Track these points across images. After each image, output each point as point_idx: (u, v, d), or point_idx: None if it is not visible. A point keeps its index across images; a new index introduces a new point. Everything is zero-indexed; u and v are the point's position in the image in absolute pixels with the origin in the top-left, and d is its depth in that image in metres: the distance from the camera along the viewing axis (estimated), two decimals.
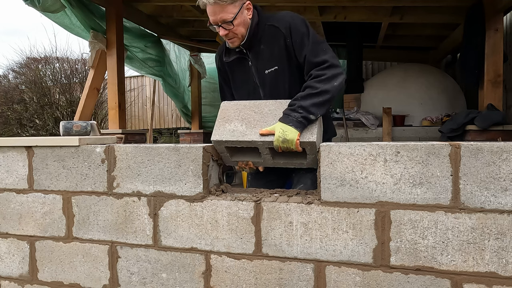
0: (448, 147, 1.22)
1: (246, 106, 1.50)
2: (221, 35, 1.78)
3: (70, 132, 1.88)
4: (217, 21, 1.73)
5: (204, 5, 1.73)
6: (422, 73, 5.45)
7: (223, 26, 1.74)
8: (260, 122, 1.43)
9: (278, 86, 1.84)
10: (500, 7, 3.88)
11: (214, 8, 1.70)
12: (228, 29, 1.74)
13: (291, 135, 1.46)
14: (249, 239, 1.42)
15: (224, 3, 1.69)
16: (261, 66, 1.85)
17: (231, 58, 1.89)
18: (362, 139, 5.21)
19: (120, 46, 4.51)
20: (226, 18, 1.72)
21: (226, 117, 1.49)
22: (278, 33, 1.79)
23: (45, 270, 1.70)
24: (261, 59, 1.84)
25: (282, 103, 1.46)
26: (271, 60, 1.82)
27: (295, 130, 1.47)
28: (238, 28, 1.76)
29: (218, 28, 1.76)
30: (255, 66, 1.86)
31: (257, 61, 1.85)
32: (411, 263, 1.26)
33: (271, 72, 1.83)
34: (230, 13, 1.71)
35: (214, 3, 1.68)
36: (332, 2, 4.81)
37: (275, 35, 1.80)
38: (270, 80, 1.85)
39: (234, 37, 1.78)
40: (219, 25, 1.74)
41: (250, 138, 1.43)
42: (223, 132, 1.48)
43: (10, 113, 8.83)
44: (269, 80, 1.85)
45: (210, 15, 1.73)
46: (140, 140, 4.70)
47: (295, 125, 1.48)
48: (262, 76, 1.85)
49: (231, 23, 1.72)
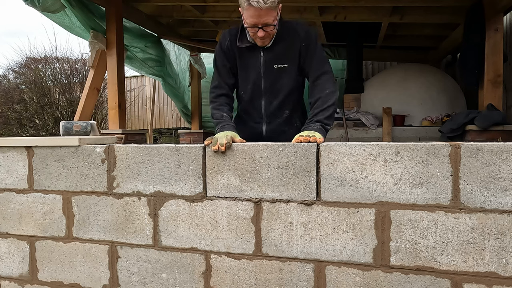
0: (448, 147, 1.22)
1: (235, 152, 1.44)
2: (258, 36, 1.87)
3: (70, 132, 1.88)
4: (259, 23, 1.82)
5: (247, 6, 1.79)
6: (422, 73, 5.45)
7: (263, 29, 1.84)
8: (254, 174, 1.42)
9: (279, 82, 1.99)
10: (500, 7, 3.88)
11: (261, 12, 1.78)
12: (267, 30, 1.85)
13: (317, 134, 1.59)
14: (249, 239, 1.42)
15: (273, 8, 1.79)
16: (272, 60, 1.97)
17: (244, 45, 1.97)
18: (362, 139, 5.21)
19: (120, 46, 4.51)
20: (269, 21, 1.82)
21: (216, 166, 1.46)
22: (296, 36, 1.94)
23: (45, 270, 1.70)
24: (273, 54, 1.96)
25: (273, 147, 1.41)
26: (283, 57, 1.95)
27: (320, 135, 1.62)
28: (274, 30, 1.89)
29: (254, 29, 1.85)
30: (265, 58, 1.97)
31: (269, 54, 1.96)
32: (411, 263, 1.26)
33: (280, 68, 1.97)
34: (273, 16, 1.82)
35: (266, 8, 1.77)
36: (332, 2, 4.81)
37: (293, 36, 1.94)
38: (275, 75, 1.98)
39: (268, 37, 1.90)
40: (259, 27, 1.83)
41: (247, 195, 1.42)
42: (217, 186, 1.46)
43: (10, 113, 8.83)
44: (274, 75, 1.98)
45: (252, 17, 1.80)
46: (140, 140, 4.70)
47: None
48: (269, 69, 1.97)
49: (272, 25, 1.84)
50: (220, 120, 1.91)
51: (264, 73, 1.98)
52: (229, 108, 2.00)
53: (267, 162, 1.39)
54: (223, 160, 1.45)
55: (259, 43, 1.94)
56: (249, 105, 2.11)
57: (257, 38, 1.89)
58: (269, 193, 1.40)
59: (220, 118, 1.92)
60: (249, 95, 2.07)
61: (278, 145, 1.39)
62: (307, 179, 1.36)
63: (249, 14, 1.80)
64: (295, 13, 5.14)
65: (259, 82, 2.00)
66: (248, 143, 1.46)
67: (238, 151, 1.43)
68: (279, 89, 1.99)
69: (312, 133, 1.59)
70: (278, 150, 1.39)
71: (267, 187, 1.40)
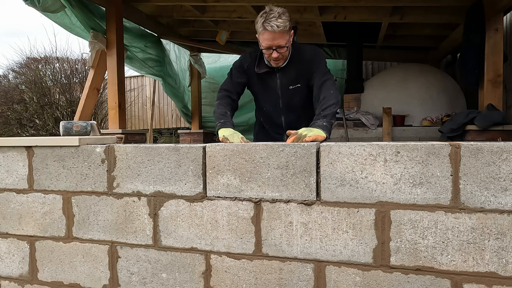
0: (448, 147, 1.22)
1: (235, 152, 1.44)
2: (272, 57, 2.10)
3: (70, 132, 1.88)
4: (273, 45, 2.05)
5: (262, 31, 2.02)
6: (422, 73, 5.45)
7: (277, 50, 2.06)
8: (254, 174, 1.42)
9: (295, 100, 2.30)
10: (500, 7, 3.88)
11: (275, 35, 2.01)
12: (280, 52, 2.08)
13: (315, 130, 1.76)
14: (249, 239, 1.42)
15: (285, 32, 2.02)
16: (287, 82, 2.25)
17: (262, 71, 2.23)
18: (362, 139, 5.21)
19: (120, 46, 4.51)
20: (282, 43, 2.04)
21: (216, 166, 1.47)
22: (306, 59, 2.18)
23: (45, 270, 1.70)
24: (288, 77, 2.24)
25: (273, 147, 1.41)
26: (296, 79, 2.23)
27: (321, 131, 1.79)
28: (286, 52, 2.13)
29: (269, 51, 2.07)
30: (281, 80, 2.26)
31: (284, 77, 2.25)
32: (411, 263, 1.26)
33: (294, 88, 2.26)
34: (285, 39, 2.05)
35: (279, 32, 1.99)
36: (332, 2, 4.81)
37: (303, 59, 2.19)
38: (291, 94, 2.28)
39: (282, 58, 2.14)
40: (273, 49, 2.06)
41: (247, 195, 1.42)
42: (217, 186, 1.46)
43: (10, 113, 8.83)
44: (290, 94, 2.28)
45: (267, 40, 2.04)
46: (140, 140, 4.70)
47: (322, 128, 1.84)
48: (285, 90, 2.28)
49: (285, 47, 2.07)
50: (223, 116, 2.10)
51: (282, 94, 2.29)
52: (231, 108, 2.22)
53: (267, 162, 1.39)
54: (223, 160, 1.45)
55: (273, 64, 2.17)
56: (270, 119, 2.45)
57: (272, 59, 2.12)
58: (269, 193, 1.40)
59: (224, 114, 2.11)
60: (269, 111, 2.41)
61: (278, 145, 1.39)
62: (307, 179, 1.36)
63: (264, 38, 2.03)
64: (295, 13, 5.14)
65: (278, 101, 2.33)
66: (248, 143, 1.46)
67: (238, 151, 1.43)
68: (296, 105, 2.30)
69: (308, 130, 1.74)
70: (278, 150, 1.39)
71: (267, 187, 1.40)
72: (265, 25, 1.99)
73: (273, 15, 1.99)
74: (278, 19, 1.98)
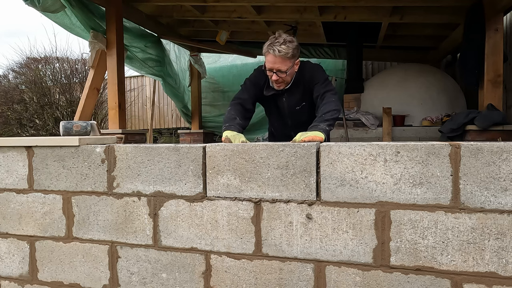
0: (448, 147, 1.22)
1: (235, 152, 1.44)
2: (273, 79, 2.22)
3: (70, 132, 1.88)
4: (273, 68, 2.16)
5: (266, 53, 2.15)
6: (422, 73, 5.45)
7: (277, 74, 2.17)
8: (254, 174, 1.42)
9: (302, 118, 2.41)
10: (500, 7, 3.88)
11: (276, 59, 2.13)
12: (280, 76, 2.18)
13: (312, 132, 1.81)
14: (249, 239, 1.42)
15: (286, 58, 2.12)
16: (293, 103, 2.39)
17: (270, 93, 2.36)
18: (362, 139, 5.21)
19: (120, 46, 4.51)
20: (282, 68, 2.15)
21: (216, 166, 1.47)
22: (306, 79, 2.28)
23: (45, 270, 1.70)
24: (293, 99, 2.37)
25: (273, 147, 1.41)
26: (301, 99, 2.36)
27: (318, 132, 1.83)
28: (287, 77, 2.23)
29: (270, 73, 2.19)
30: (288, 102, 2.40)
31: (290, 99, 2.38)
32: (411, 263, 1.26)
33: (300, 108, 2.40)
34: (286, 65, 2.15)
35: (280, 56, 2.11)
36: (332, 2, 4.81)
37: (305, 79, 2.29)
38: (298, 114, 2.43)
39: (282, 82, 2.25)
40: (274, 71, 2.17)
41: (247, 195, 1.42)
42: (217, 187, 1.46)
43: (10, 113, 8.83)
44: (297, 114, 2.43)
45: (268, 62, 2.17)
46: (140, 140, 4.70)
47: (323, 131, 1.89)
48: (292, 110, 2.43)
49: (284, 73, 2.17)
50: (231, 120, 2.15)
51: (289, 114, 2.44)
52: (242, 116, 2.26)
53: (267, 162, 1.39)
54: (223, 160, 1.45)
55: (275, 86, 2.28)
56: (281, 132, 2.62)
57: (273, 81, 2.23)
58: (269, 193, 1.40)
59: (233, 119, 2.16)
60: (280, 127, 2.60)
61: (278, 145, 1.39)
62: (307, 179, 1.36)
63: (267, 59, 2.16)
64: (295, 13, 5.15)
65: (286, 120, 2.49)
66: (248, 143, 1.46)
67: (238, 151, 1.43)
68: (303, 122, 2.33)
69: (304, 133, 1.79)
70: (278, 150, 1.39)
71: (267, 187, 1.40)
72: (269, 48, 2.13)
73: (278, 40, 2.12)
74: (282, 45, 2.10)
